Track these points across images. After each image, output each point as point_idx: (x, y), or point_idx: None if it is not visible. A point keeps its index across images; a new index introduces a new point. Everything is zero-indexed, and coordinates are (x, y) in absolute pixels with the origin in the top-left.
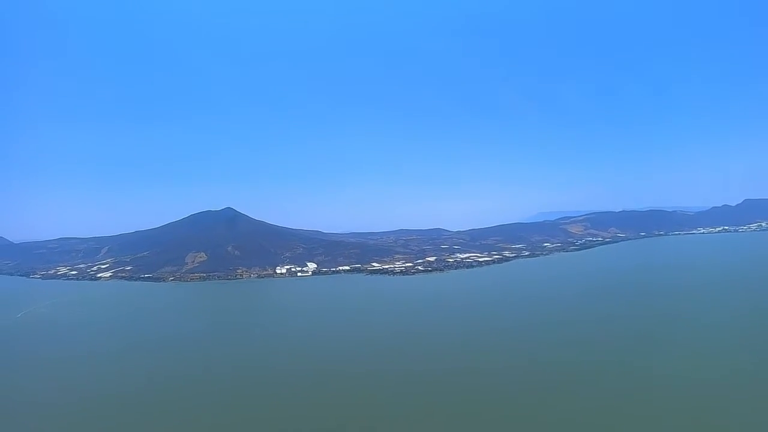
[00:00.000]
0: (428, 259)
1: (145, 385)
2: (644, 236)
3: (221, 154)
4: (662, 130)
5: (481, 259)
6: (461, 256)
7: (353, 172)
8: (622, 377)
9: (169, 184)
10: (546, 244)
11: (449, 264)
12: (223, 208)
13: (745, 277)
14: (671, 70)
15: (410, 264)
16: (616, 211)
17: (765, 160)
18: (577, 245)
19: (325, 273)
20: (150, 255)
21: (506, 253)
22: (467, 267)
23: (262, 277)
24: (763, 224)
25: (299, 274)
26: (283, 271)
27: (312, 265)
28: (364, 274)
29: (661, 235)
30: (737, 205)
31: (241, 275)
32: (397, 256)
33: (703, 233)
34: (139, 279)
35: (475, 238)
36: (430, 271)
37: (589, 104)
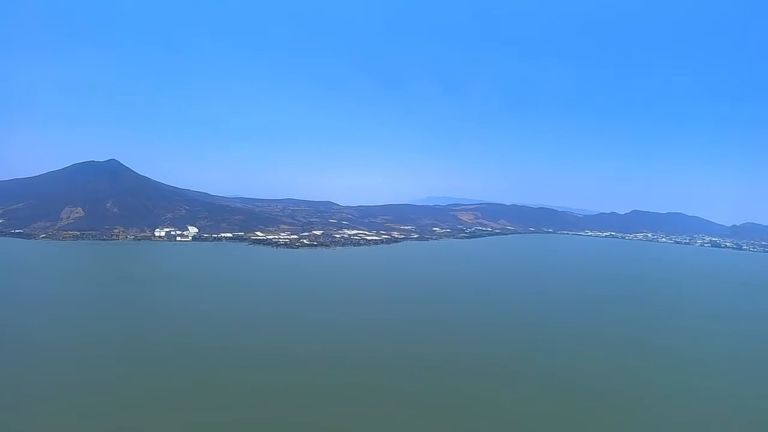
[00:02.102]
0: (315, 232)
1: None
2: (533, 231)
3: (111, 98)
4: (560, 131)
5: (369, 238)
6: (349, 232)
7: (247, 133)
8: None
9: (54, 126)
10: (435, 229)
11: (336, 240)
12: (107, 159)
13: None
14: (579, 72)
15: (295, 236)
16: (507, 204)
17: (654, 177)
18: (466, 233)
19: (206, 239)
20: (24, 207)
21: (395, 234)
22: (354, 245)
23: (139, 239)
24: (649, 235)
25: (178, 238)
26: (162, 234)
27: (193, 230)
28: (246, 243)
29: (549, 232)
30: (625, 214)
31: (117, 235)
32: (282, 226)
33: (591, 236)
34: (9, 234)
35: (364, 215)
36: (316, 245)
37: (493, 96)
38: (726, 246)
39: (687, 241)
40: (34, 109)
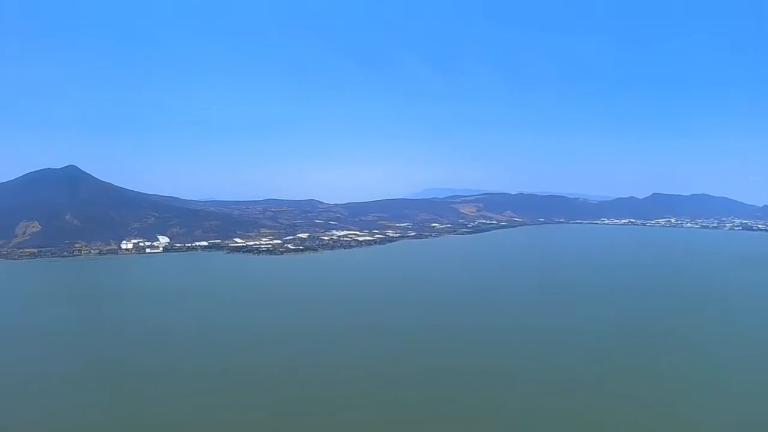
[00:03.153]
0: (300, 235)
1: None
2: (543, 222)
3: (67, 99)
4: (567, 110)
5: (360, 238)
6: (338, 233)
7: (218, 130)
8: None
9: (4, 133)
10: (434, 225)
11: (324, 243)
12: (65, 165)
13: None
14: (585, 42)
15: (279, 241)
16: (513, 193)
17: (675, 156)
18: (468, 227)
19: (179, 249)
20: None
21: (389, 233)
22: (345, 247)
23: (104, 254)
24: (672, 220)
25: (148, 250)
26: (129, 246)
27: (164, 240)
28: (224, 251)
29: (561, 222)
30: (645, 198)
31: (79, 251)
32: (264, 230)
33: (608, 224)
34: None
35: (353, 213)
36: (302, 250)
37: (491, 74)
38: (759, 228)
39: (715, 225)
40: None
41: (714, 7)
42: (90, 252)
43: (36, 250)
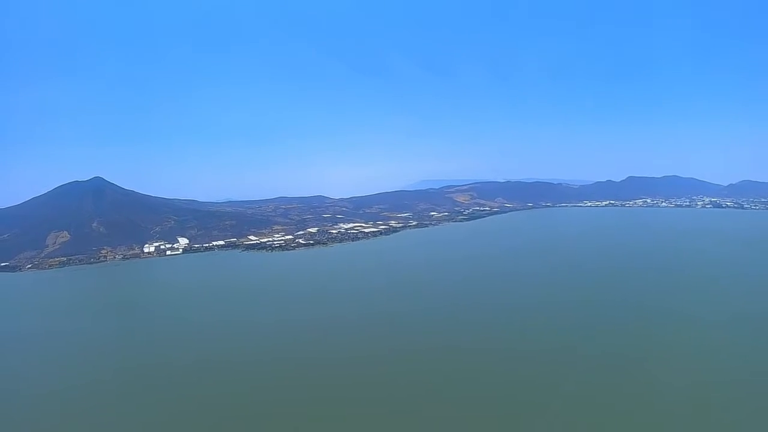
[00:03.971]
0: (309, 230)
1: None
2: (531, 207)
3: (89, 115)
4: (547, 101)
5: (366, 230)
6: (345, 226)
7: (231, 135)
8: None
9: (36, 151)
10: (433, 213)
11: (333, 236)
12: (91, 177)
13: None
14: (568, 48)
15: (290, 236)
16: (502, 181)
17: (646, 141)
18: (465, 215)
19: (197, 250)
20: (9, 238)
21: (393, 223)
22: (352, 239)
23: (128, 258)
24: (648, 200)
25: (168, 252)
26: (151, 249)
27: (183, 241)
28: (240, 250)
29: (548, 206)
30: (621, 181)
31: (105, 257)
32: (276, 227)
33: (590, 206)
34: None
35: (358, 207)
36: (312, 244)
37: (475, 70)
38: (727, 205)
39: (688, 203)
40: (10, 133)
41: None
42: (115, 257)
43: (65, 259)
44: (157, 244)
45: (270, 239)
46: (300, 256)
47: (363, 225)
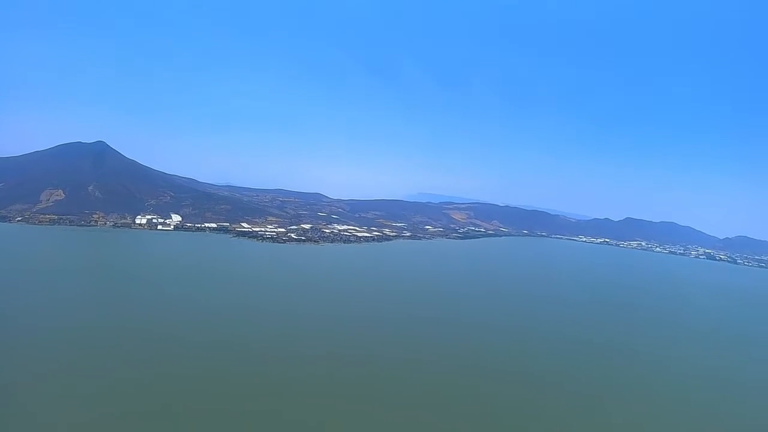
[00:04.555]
0: (303, 226)
1: None
2: (527, 234)
3: (104, 79)
4: (555, 133)
5: (360, 234)
6: (339, 227)
7: (241, 120)
8: None
9: (42, 105)
10: (428, 227)
11: (325, 235)
12: (95, 141)
13: None
14: (578, 73)
15: (283, 229)
16: (500, 205)
17: (648, 183)
18: (459, 233)
19: (189, 229)
20: (3, 188)
21: (386, 231)
22: (344, 241)
23: (118, 226)
24: (643, 243)
25: (159, 227)
26: (143, 221)
27: (176, 218)
28: (231, 235)
29: (543, 235)
30: (619, 221)
31: (96, 221)
32: (270, 218)
33: (585, 241)
34: None
35: (354, 210)
36: (304, 240)
37: (490, 93)
38: (721, 259)
39: (682, 252)
40: (22, 88)
41: (697, 53)
42: (105, 224)
43: (56, 217)
44: (149, 216)
45: (262, 229)
46: (288, 250)
47: (357, 229)
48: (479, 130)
